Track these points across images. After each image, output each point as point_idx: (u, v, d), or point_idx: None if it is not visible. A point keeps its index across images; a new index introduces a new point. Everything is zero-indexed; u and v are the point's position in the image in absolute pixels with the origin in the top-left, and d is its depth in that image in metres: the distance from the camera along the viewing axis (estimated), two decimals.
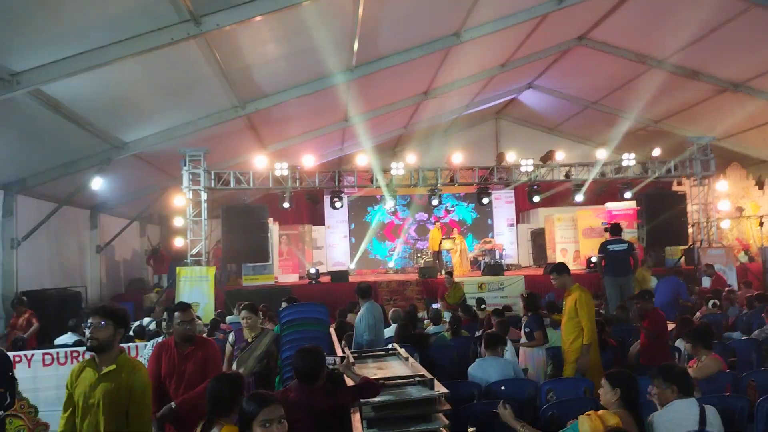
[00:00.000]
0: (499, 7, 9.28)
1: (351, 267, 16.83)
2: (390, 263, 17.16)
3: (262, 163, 11.90)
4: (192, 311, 4.21)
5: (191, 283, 10.90)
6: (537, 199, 13.46)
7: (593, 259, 12.71)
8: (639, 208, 13.33)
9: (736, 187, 14.67)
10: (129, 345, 6.03)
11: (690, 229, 13.17)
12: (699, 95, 12.48)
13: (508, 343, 5.59)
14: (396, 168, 12.46)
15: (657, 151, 13.26)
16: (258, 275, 13.07)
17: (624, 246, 9.16)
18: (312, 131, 13.05)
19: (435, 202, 13.17)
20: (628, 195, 13.26)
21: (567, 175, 13.17)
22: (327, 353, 3.99)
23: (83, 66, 6.34)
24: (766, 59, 10.48)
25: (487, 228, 18.19)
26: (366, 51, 9.17)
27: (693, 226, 13.36)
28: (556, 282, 5.53)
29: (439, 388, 3.77)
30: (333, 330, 6.57)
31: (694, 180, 13.44)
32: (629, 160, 12.89)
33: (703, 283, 10.97)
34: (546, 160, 13.18)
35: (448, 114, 15.67)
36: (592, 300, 5.41)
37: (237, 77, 8.62)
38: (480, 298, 10.50)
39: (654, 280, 10.25)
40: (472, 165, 13.16)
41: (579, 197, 13.20)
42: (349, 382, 3.79)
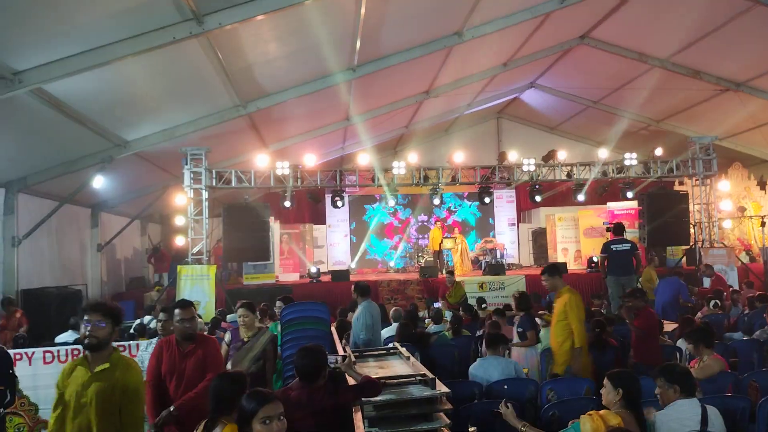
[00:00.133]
0: (501, 6, 9.26)
1: (352, 266, 16.84)
2: (391, 262, 17.16)
3: (263, 162, 11.89)
4: (193, 309, 4.10)
5: (192, 282, 10.89)
6: (538, 199, 13.43)
7: (594, 259, 12.70)
8: (640, 207, 13.29)
9: (737, 187, 14.66)
10: (130, 343, 6.03)
11: (692, 229, 13.13)
12: (701, 95, 12.45)
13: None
14: (397, 167, 12.45)
15: (659, 151, 13.23)
16: (259, 274, 13.09)
17: (627, 246, 9.14)
18: (313, 130, 13.03)
19: (436, 201, 13.15)
20: (629, 195, 13.23)
21: (568, 175, 13.14)
22: (328, 352, 3.98)
23: (85, 65, 6.34)
24: None
25: (489, 227, 18.20)
26: (368, 50, 9.15)
27: (695, 226, 13.32)
28: (547, 283, 5.51)
29: (441, 387, 3.78)
30: (334, 329, 6.57)
31: (695, 180, 13.39)
32: (631, 159, 12.85)
33: (704, 284, 10.95)
34: (548, 159, 13.16)
35: (449, 113, 15.67)
36: (582, 303, 5.36)
37: (239, 76, 8.61)
38: (481, 297, 10.51)
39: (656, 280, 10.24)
40: (473, 164, 13.13)
41: (580, 197, 13.15)
42: (351, 381, 3.79)
